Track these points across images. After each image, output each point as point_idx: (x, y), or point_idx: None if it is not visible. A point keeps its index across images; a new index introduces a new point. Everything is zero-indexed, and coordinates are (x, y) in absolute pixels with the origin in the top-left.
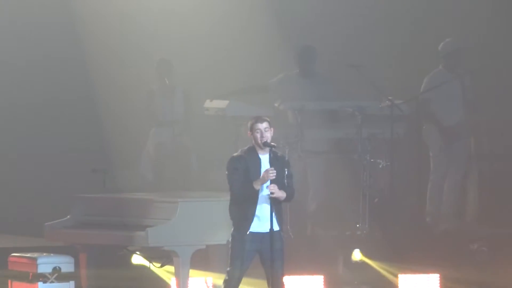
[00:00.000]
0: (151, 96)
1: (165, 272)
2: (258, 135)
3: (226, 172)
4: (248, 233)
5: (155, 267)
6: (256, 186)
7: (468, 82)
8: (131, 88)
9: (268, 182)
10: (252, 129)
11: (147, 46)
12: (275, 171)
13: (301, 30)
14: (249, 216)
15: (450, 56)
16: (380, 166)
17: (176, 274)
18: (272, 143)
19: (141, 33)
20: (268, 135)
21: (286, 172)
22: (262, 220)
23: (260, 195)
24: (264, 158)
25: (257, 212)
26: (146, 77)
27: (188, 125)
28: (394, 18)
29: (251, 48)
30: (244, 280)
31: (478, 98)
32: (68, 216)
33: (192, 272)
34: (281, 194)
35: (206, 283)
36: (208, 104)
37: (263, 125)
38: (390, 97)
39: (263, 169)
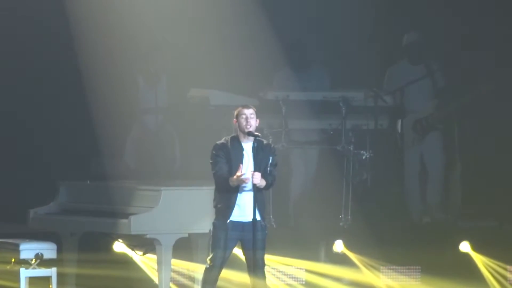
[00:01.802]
0: (136, 84)
1: (147, 260)
2: (243, 121)
3: (210, 161)
4: (228, 221)
5: (137, 255)
6: (231, 183)
7: (437, 74)
8: (117, 76)
9: (252, 169)
10: (238, 115)
11: (133, 34)
12: (254, 179)
13: (290, 20)
14: (230, 204)
15: (414, 48)
16: (364, 157)
17: (158, 262)
18: (256, 133)
19: (127, 20)
20: (253, 123)
21: (271, 160)
22: (243, 209)
23: (241, 184)
24: (247, 147)
25: (238, 201)
26: (131, 65)
27: (172, 113)
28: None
29: (239, 37)
30: (224, 271)
31: (449, 88)
32: (52, 203)
33: (174, 260)
34: (262, 183)
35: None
36: (192, 92)
37: (249, 111)
38: (374, 89)
39: (245, 158)
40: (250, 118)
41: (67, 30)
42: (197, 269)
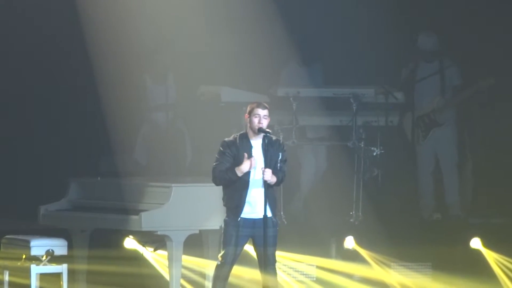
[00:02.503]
0: (143, 82)
1: (158, 257)
2: (256, 120)
3: (216, 155)
4: (239, 219)
5: (148, 252)
6: (238, 172)
7: (449, 70)
8: (126, 74)
9: (262, 165)
10: (251, 113)
11: (141, 30)
12: (265, 175)
13: (298, 17)
14: (241, 202)
15: (428, 49)
16: (374, 154)
17: (169, 258)
18: (267, 129)
19: (136, 17)
20: (265, 123)
21: (280, 157)
22: (254, 206)
23: (251, 180)
24: (256, 144)
25: (248, 198)
26: (139, 63)
27: (183, 110)
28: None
29: (248, 33)
30: (235, 267)
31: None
32: (62, 199)
33: (185, 257)
34: (272, 179)
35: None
36: (203, 89)
37: (263, 112)
38: (385, 85)
39: (254, 156)
40: (263, 119)
41: (77, 30)
42: (208, 266)
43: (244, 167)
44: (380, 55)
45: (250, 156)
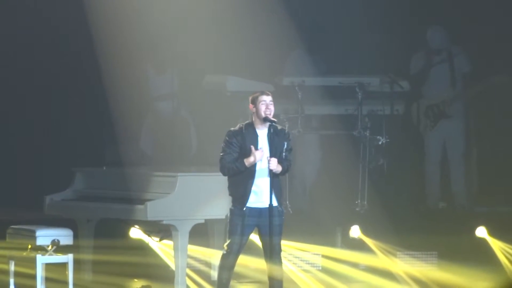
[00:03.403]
0: (145, 73)
1: (164, 246)
2: (263, 107)
3: (222, 145)
4: (245, 208)
5: (153, 241)
6: (247, 163)
7: (457, 59)
8: (130, 64)
9: (268, 155)
10: (257, 101)
11: (146, 20)
12: (271, 165)
13: (303, 5)
14: (247, 191)
15: (436, 47)
16: (380, 143)
17: (175, 248)
18: (272, 118)
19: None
20: (272, 109)
21: (285, 146)
22: (260, 195)
23: (257, 170)
24: (262, 134)
25: (254, 187)
26: (141, 53)
27: (188, 99)
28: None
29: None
30: (241, 257)
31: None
32: (68, 189)
33: (190, 246)
34: (278, 168)
35: None
36: (208, 78)
37: (268, 98)
38: (390, 74)
39: (260, 145)
40: (270, 105)
41: (83, 21)
42: (214, 255)
43: (253, 158)
44: (386, 44)
45: (256, 148)
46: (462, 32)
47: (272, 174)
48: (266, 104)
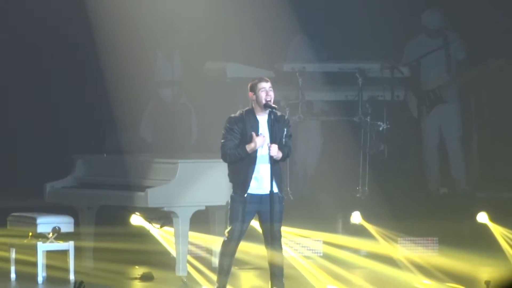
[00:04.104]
0: (153, 58)
1: (165, 233)
2: (263, 94)
3: (223, 131)
4: (246, 194)
5: (154, 228)
6: (249, 149)
7: (453, 45)
8: (133, 50)
9: (268, 141)
10: (256, 88)
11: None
12: (271, 151)
13: None
14: (247, 177)
15: (431, 26)
16: (380, 129)
17: (176, 235)
18: (273, 105)
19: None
20: (272, 95)
21: (285, 132)
22: (260, 182)
23: (258, 156)
24: (262, 120)
25: (255, 174)
26: (148, 39)
27: (189, 86)
28: None
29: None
30: (242, 243)
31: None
32: (68, 176)
33: (191, 233)
34: (278, 154)
35: None
36: (209, 65)
37: (268, 84)
38: (391, 60)
39: (261, 131)
40: (270, 91)
41: (84, 6)
42: (215, 242)
43: (254, 144)
44: (387, 30)
45: (257, 134)
46: (458, 16)
47: (272, 161)
48: (266, 91)
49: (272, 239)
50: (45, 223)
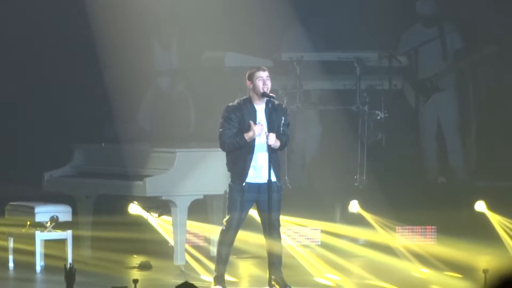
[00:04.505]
0: (151, 47)
1: (163, 222)
2: (261, 83)
3: (221, 120)
4: (244, 183)
5: (152, 217)
6: (247, 138)
7: (449, 35)
8: (131, 39)
9: (266, 130)
10: (253, 77)
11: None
12: (269, 140)
13: None
14: (245, 166)
15: (428, 17)
16: (378, 118)
17: (174, 224)
18: (270, 94)
19: None
20: (269, 84)
21: (283, 121)
22: (259, 170)
23: (256, 145)
24: (260, 109)
25: (253, 163)
26: (146, 28)
27: (187, 75)
28: None
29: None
30: (240, 232)
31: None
32: (67, 165)
33: (189, 222)
34: (276, 143)
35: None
36: (207, 54)
37: (265, 74)
38: (389, 49)
39: (259, 120)
40: (267, 80)
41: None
42: (213, 231)
43: (253, 133)
44: (384, 19)
45: (255, 123)
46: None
47: (270, 150)
48: (263, 80)
49: (270, 228)
50: (43, 212)
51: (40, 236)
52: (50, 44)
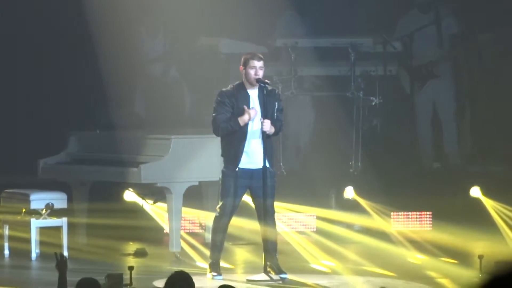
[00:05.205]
0: (138, 35)
1: (158, 209)
2: (252, 72)
3: (214, 105)
4: (237, 169)
5: (147, 204)
6: (241, 122)
7: (445, 21)
8: (122, 26)
9: (260, 116)
10: (247, 64)
11: None
12: (264, 126)
13: None
14: (238, 152)
15: (424, 3)
16: (373, 104)
17: (169, 210)
18: (265, 80)
19: None
20: (261, 74)
21: (277, 106)
22: (251, 156)
23: (249, 131)
24: (253, 94)
25: (246, 148)
26: (133, 15)
27: (181, 61)
28: None
29: None
30: (235, 218)
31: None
32: (62, 153)
33: (184, 209)
34: (271, 130)
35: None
36: (202, 41)
37: (259, 63)
38: (383, 34)
39: (251, 105)
40: (259, 70)
41: None
42: (208, 217)
43: (247, 116)
44: (379, 4)
45: (249, 108)
46: None
47: (264, 136)
48: (256, 69)
49: (265, 215)
50: (38, 200)
51: (36, 223)
52: (44, 30)
